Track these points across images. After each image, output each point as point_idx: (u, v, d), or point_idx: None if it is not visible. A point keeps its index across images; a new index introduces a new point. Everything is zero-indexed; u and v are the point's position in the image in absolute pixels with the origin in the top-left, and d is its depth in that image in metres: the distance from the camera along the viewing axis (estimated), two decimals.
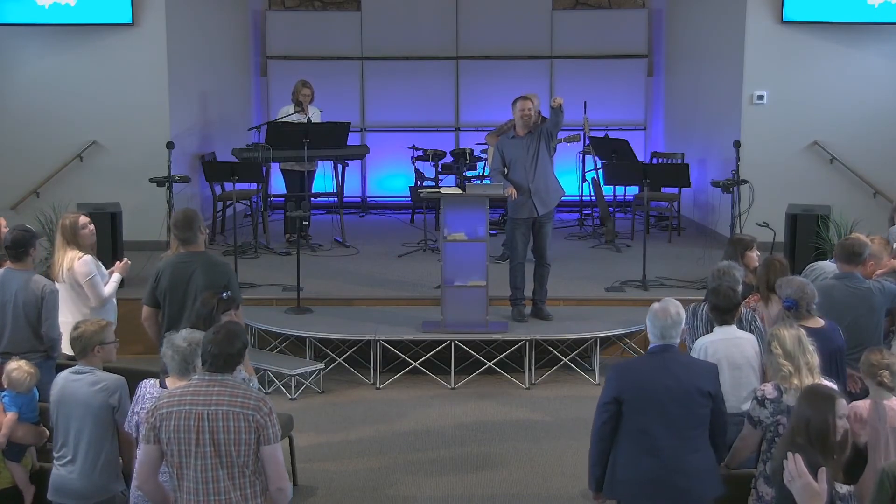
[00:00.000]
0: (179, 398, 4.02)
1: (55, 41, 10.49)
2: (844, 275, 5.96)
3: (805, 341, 4.57)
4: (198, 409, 3.97)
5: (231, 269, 6.08)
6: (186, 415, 3.97)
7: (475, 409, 7.54)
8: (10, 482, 5.01)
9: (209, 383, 4.05)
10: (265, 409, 4.00)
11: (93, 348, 4.82)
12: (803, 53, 10.53)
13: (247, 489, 4.02)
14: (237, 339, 4.13)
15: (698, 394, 4.49)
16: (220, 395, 4.00)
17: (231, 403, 3.98)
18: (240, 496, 4.00)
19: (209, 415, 3.96)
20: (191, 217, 6.02)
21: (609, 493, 4.62)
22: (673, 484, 4.47)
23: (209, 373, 4.07)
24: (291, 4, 13.73)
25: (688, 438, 4.49)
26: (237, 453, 3.97)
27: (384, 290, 9.12)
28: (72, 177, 10.57)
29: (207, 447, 3.96)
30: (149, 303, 5.96)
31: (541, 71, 13.44)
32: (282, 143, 10.38)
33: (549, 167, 8.28)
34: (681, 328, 4.63)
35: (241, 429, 3.96)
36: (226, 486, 3.98)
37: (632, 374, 4.60)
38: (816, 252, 8.86)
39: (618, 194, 12.15)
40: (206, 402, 3.98)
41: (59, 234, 6.41)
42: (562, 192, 8.40)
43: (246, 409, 3.97)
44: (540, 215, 8.16)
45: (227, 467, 3.98)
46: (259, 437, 3.98)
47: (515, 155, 8.16)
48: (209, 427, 3.95)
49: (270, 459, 4.02)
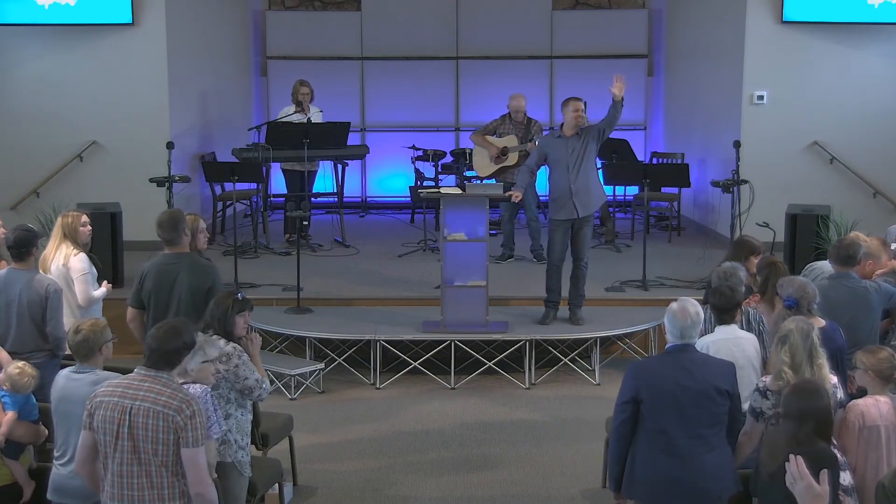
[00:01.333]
0: (112, 389, 4.07)
1: (55, 41, 10.49)
2: (840, 275, 5.96)
3: (816, 354, 4.55)
4: (123, 403, 4.01)
5: (216, 270, 6.02)
6: (113, 406, 4.02)
7: (475, 409, 7.54)
8: (9, 479, 5.02)
9: (143, 378, 4.07)
10: (188, 411, 3.99)
11: (99, 348, 4.83)
12: (803, 53, 10.52)
13: (164, 489, 4.02)
14: (178, 337, 4.13)
15: (716, 392, 4.50)
16: (149, 391, 4.02)
17: (154, 401, 3.99)
18: (155, 496, 4.01)
19: (132, 409, 3.99)
20: (176, 218, 6.01)
21: (628, 493, 4.62)
22: (691, 483, 4.49)
23: (145, 368, 4.10)
24: (291, 4, 13.73)
25: (705, 437, 4.50)
26: (154, 452, 3.98)
27: (384, 290, 9.12)
28: (72, 177, 10.57)
29: (125, 441, 4.00)
30: (134, 304, 5.98)
31: (541, 71, 13.45)
32: (282, 143, 10.38)
33: (594, 170, 8.17)
34: (699, 328, 4.66)
35: (158, 427, 3.97)
36: (140, 482, 4.00)
37: (650, 374, 4.60)
38: (816, 252, 8.85)
39: (618, 194, 12.15)
40: (133, 397, 4.01)
41: (58, 228, 6.42)
42: (604, 197, 8.34)
43: (167, 409, 3.97)
44: (580, 217, 8.07)
45: (143, 464, 4.00)
46: (178, 438, 3.98)
47: (559, 155, 8.05)
48: (129, 422, 3.99)
49: (189, 463, 4.01)
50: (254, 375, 4.91)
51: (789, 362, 4.54)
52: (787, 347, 4.57)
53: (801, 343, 4.54)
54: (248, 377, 4.90)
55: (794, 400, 4.11)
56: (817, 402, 4.10)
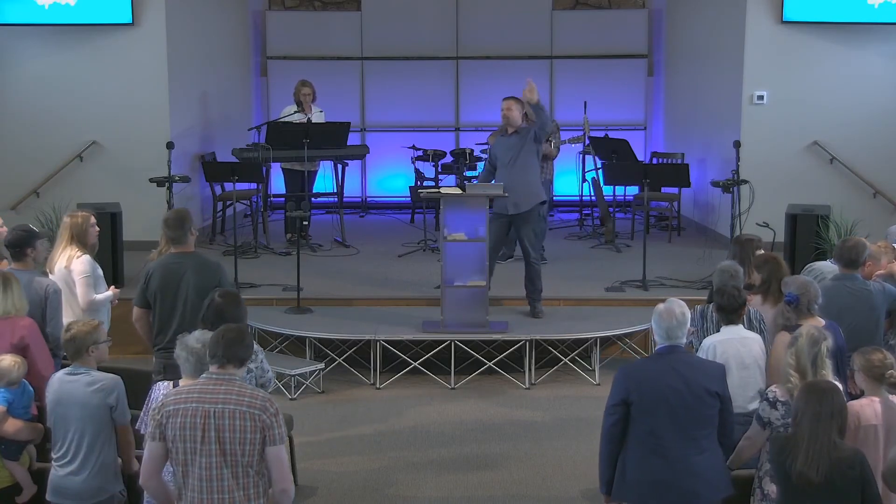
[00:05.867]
0: (187, 395, 4.03)
1: (55, 41, 10.49)
2: (844, 276, 5.97)
3: (821, 364, 4.54)
4: (205, 407, 3.98)
5: (223, 268, 6.02)
6: (193, 412, 3.98)
7: (475, 409, 7.54)
8: (9, 482, 5.01)
9: (217, 381, 4.06)
10: (272, 409, 4.02)
11: (86, 349, 4.81)
12: (803, 53, 10.52)
13: (250, 489, 4.03)
14: (244, 338, 4.18)
15: (706, 394, 4.50)
16: (228, 393, 4.02)
17: (238, 402, 3.99)
18: (243, 496, 4.01)
19: (216, 413, 3.97)
20: (183, 216, 6.01)
21: (619, 496, 4.61)
22: (681, 485, 4.48)
23: (217, 372, 4.09)
24: (291, 4, 13.74)
25: (696, 439, 4.50)
26: (242, 452, 3.98)
27: (384, 290, 9.12)
28: (72, 177, 10.57)
29: (213, 445, 3.97)
30: (140, 304, 5.95)
31: (541, 71, 13.43)
32: (282, 143, 10.39)
33: (531, 169, 8.28)
34: (686, 328, 4.63)
35: (246, 428, 3.97)
36: (230, 484, 3.99)
37: (639, 376, 4.59)
38: (816, 252, 8.86)
39: (618, 194, 12.15)
40: (214, 401, 3.99)
41: (66, 230, 6.35)
42: (541, 197, 8.39)
43: (252, 409, 3.98)
44: (510, 214, 8.18)
45: (231, 466, 3.98)
46: (265, 437, 3.99)
47: (498, 152, 8.34)
48: (215, 425, 3.96)
49: (275, 460, 4.02)
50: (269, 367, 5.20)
51: (794, 364, 4.54)
52: (793, 350, 4.58)
53: (808, 349, 4.54)
54: (269, 369, 5.16)
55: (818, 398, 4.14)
56: (839, 398, 4.18)
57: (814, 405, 4.09)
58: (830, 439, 4.05)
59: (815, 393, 4.15)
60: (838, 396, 4.18)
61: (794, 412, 4.17)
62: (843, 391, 4.74)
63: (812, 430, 4.06)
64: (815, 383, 4.27)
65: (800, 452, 4.04)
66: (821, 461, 4.00)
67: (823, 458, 4.00)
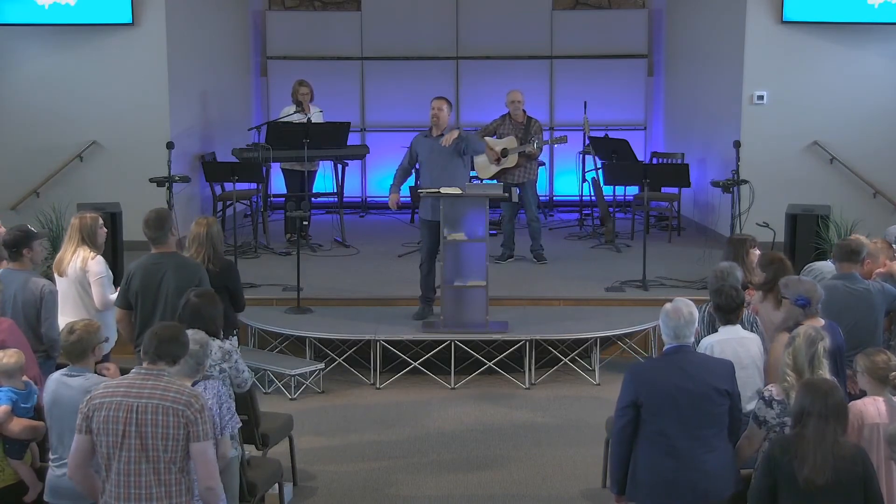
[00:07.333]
0: (114, 389, 4.07)
1: (55, 41, 10.49)
2: (844, 275, 5.96)
3: (818, 365, 4.54)
4: (128, 402, 4.02)
5: (202, 269, 5.98)
6: (117, 406, 4.02)
7: (475, 410, 7.54)
8: (13, 479, 5.01)
9: (145, 377, 4.10)
10: (196, 405, 4.03)
11: (92, 349, 4.82)
12: (803, 53, 10.52)
13: (171, 486, 4.03)
14: (179, 335, 4.22)
15: (715, 393, 4.52)
16: (154, 388, 4.04)
17: (162, 398, 4.01)
18: (163, 493, 4.02)
19: (139, 408, 4.00)
20: (163, 217, 6.02)
21: (631, 496, 4.63)
22: (691, 484, 4.50)
23: (146, 366, 4.12)
24: (291, 4, 13.74)
25: (706, 438, 4.51)
26: (164, 448, 4.00)
27: (384, 290, 9.12)
28: (72, 177, 10.57)
29: (133, 440, 3.99)
30: (121, 304, 6.00)
31: (541, 71, 13.45)
32: (282, 143, 10.39)
33: (460, 179, 8.23)
34: (694, 327, 4.66)
35: (169, 423, 3.99)
36: (148, 480, 4.01)
37: (648, 377, 4.61)
38: (816, 252, 8.85)
39: (618, 194, 12.15)
40: (138, 395, 4.02)
41: (75, 231, 6.34)
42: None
43: (177, 405, 4.00)
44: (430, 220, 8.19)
45: (152, 462, 4.00)
46: (188, 433, 4.00)
47: (423, 154, 8.45)
48: (137, 420, 3.99)
49: (200, 457, 4.03)
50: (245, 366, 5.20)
51: (791, 364, 4.55)
52: (790, 350, 4.58)
53: (805, 349, 4.54)
54: (245, 370, 5.15)
55: (814, 395, 4.14)
56: (840, 395, 4.18)
57: (819, 406, 4.07)
58: (836, 440, 4.05)
59: (818, 393, 4.12)
60: (839, 393, 4.19)
61: (798, 412, 4.16)
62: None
63: (819, 434, 4.05)
64: (814, 381, 4.26)
65: (808, 456, 4.03)
66: (827, 463, 4.00)
67: (829, 458, 4.00)
